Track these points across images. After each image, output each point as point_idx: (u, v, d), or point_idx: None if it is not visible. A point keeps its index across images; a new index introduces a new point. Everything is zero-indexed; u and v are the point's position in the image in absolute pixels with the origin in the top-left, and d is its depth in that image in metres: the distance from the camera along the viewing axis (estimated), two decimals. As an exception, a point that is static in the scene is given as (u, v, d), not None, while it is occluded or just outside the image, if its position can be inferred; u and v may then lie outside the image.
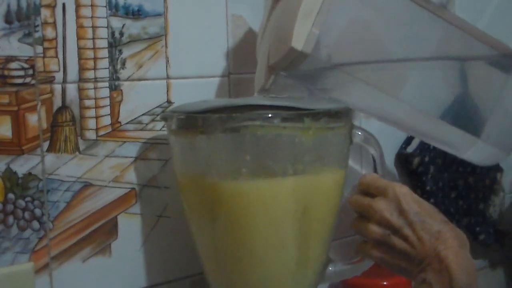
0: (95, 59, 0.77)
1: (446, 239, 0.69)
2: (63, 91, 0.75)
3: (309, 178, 0.70)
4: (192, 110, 0.73)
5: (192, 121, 0.71)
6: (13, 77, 0.71)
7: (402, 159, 1.11)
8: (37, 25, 0.72)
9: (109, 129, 0.79)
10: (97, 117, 0.78)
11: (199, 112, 0.71)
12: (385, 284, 0.95)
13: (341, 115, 0.72)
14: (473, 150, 0.83)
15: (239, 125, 0.67)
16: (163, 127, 0.82)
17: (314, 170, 0.71)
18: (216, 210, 0.71)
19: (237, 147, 0.69)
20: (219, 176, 0.70)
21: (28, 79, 0.72)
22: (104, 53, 0.78)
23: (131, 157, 0.80)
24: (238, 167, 0.69)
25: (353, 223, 0.75)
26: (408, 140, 1.12)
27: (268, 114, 0.68)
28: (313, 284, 0.76)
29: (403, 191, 0.72)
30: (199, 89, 0.86)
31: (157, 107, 0.82)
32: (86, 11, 0.76)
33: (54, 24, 0.74)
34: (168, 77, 0.83)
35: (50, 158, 0.74)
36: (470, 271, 0.68)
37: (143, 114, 0.81)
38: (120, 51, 0.79)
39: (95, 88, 0.77)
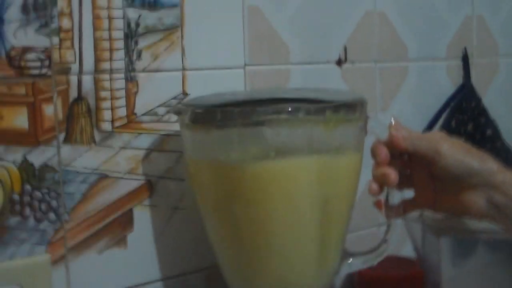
0: (111, 50, 0.77)
1: None
2: (79, 82, 0.74)
3: (329, 162, 0.70)
4: (208, 104, 0.72)
5: (210, 115, 0.70)
6: (30, 68, 0.71)
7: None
8: (54, 16, 0.72)
9: (125, 121, 0.78)
10: (112, 109, 0.77)
11: (216, 106, 0.71)
12: (399, 277, 0.95)
13: (357, 107, 0.72)
14: None
15: (264, 119, 0.67)
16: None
17: (333, 157, 0.71)
18: (234, 198, 0.70)
19: (257, 138, 0.69)
20: (238, 161, 0.69)
21: (44, 70, 0.72)
22: (120, 44, 0.77)
23: (146, 148, 0.80)
24: (257, 152, 0.68)
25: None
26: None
27: (293, 107, 0.68)
28: (331, 276, 0.76)
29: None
30: (214, 80, 0.85)
31: (172, 98, 0.82)
32: (102, 2, 0.75)
33: (70, 14, 0.73)
34: (183, 69, 0.83)
35: (66, 149, 0.74)
36: None
37: (158, 106, 0.81)
38: (136, 42, 0.78)
39: (111, 79, 0.77)
